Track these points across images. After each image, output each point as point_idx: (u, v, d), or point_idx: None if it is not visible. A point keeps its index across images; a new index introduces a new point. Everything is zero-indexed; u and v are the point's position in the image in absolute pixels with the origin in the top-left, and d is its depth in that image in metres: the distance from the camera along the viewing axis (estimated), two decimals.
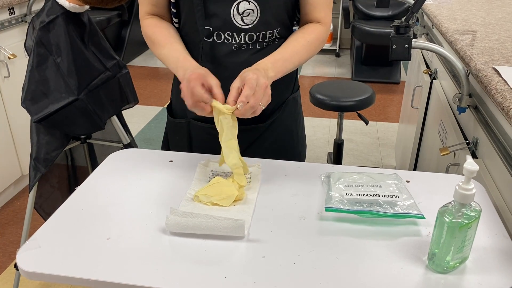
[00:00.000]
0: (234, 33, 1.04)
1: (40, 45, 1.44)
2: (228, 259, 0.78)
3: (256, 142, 1.17)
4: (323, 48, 4.91)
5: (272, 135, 1.17)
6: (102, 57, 1.56)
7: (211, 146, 1.17)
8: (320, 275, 0.74)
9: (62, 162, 1.92)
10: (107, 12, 3.93)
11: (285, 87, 1.18)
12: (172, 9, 1.09)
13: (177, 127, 1.20)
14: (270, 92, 0.93)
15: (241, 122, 1.14)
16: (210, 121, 1.14)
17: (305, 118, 1.33)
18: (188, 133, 1.18)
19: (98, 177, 1.02)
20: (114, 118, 1.67)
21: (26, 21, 2.35)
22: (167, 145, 1.27)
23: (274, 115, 1.16)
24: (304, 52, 1.05)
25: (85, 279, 0.74)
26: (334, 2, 4.61)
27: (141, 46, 4.96)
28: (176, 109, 1.21)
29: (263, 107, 0.91)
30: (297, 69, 1.24)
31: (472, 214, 0.71)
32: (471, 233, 0.73)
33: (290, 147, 1.22)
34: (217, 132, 1.17)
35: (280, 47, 1.04)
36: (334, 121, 3.30)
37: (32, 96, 1.48)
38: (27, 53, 1.49)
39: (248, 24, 1.03)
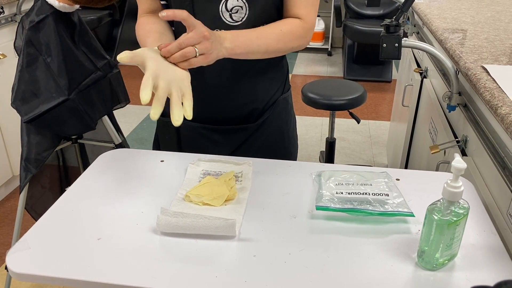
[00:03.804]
0: (223, 30, 1.04)
1: (29, 45, 1.43)
2: (219, 258, 0.78)
3: (246, 143, 1.17)
4: (315, 47, 4.96)
5: (263, 135, 1.17)
6: (92, 56, 1.55)
7: (201, 145, 1.17)
8: (311, 274, 0.74)
9: (53, 163, 1.91)
10: (98, 11, 3.91)
11: (276, 87, 1.18)
12: (162, 6, 1.08)
13: (166, 126, 1.20)
14: (209, 45, 0.86)
15: (232, 122, 1.15)
16: (199, 120, 1.15)
17: (297, 117, 1.33)
18: (177, 132, 1.18)
19: (89, 178, 1.02)
20: (105, 118, 1.66)
21: (15, 21, 2.33)
22: (157, 145, 1.27)
23: (265, 115, 1.16)
24: (274, 39, 1.00)
25: (76, 279, 0.74)
26: (326, 1, 4.62)
27: (133, 45, 4.93)
28: (166, 108, 1.20)
29: (197, 54, 0.85)
30: (288, 70, 1.24)
31: (461, 211, 0.72)
32: (460, 230, 0.74)
33: (281, 147, 1.23)
34: (207, 131, 1.17)
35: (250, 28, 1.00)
36: (326, 120, 3.32)
37: (22, 96, 1.47)
38: (17, 53, 1.48)
39: (237, 21, 1.03)
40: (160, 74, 0.83)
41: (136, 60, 0.85)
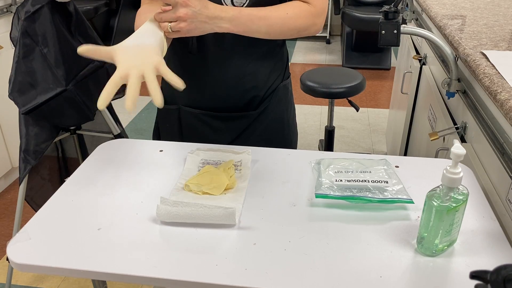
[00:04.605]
0: (226, 7, 1.02)
1: (25, 35, 1.42)
2: (219, 247, 0.78)
3: (247, 130, 1.17)
4: (313, 35, 4.91)
5: (263, 123, 1.17)
6: None
7: (202, 133, 1.17)
8: (311, 261, 0.75)
9: (52, 154, 1.91)
10: (94, 1, 3.88)
11: (276, 74, 1.17)
12: None
13: (167, 113, 1.19)
14: (184, 26, 0.87)
15: (233, 109, 1.14)
16: (200, 107, 1.14)
17: (296, 105, 1.33)
18: (178, 119, 1.18)
19: (88, 168, 1.02)
20: (104, 108, 1.66)
21: (11, 12, 2.31)
22: (158, 134, 1.27)
23: (265, 103, 1.16)
24: (278, 22, 0.97)
25: (77, 270, 0.74)
26: None
27: (130, 35, 4.90)
28: (166, 95, 1.19)
29: (169, 30, 0.88)
30: (287, 57, 1.23)
31: (460, 197, 0.72)
32: (459, 216, 0.74)
33: (281, 135, 1.22)
34: (208, 118, 1.17)
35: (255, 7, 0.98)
36: (325, 108, 3.31)
37: (19, 88, 1.46)
38: (13, 44, 1.47)
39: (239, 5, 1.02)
40: (130, 66, 0.82)
41: (99, 54, 0.84)
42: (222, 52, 1.06)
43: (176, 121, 1.18)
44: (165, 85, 1.21)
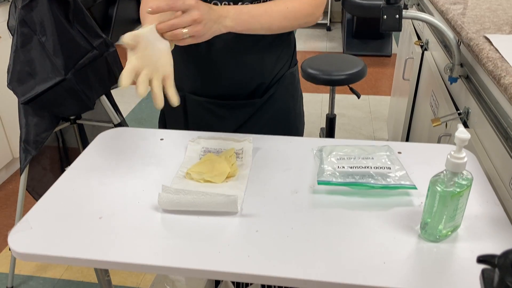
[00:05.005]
0: (226, 6, 1.00)
1: (23, 24, 1.40)
2: (222, 234, 0.78)
3: (252, 118, 1.15)
4: None
5: (269, 111, 1.16)
6: (88, 35, 1.53)
7: (207, 120, 1.16)
8: (314, 247, 0.74)
9: (53, 144, 1.90)
10: None
11: (283, 62, 1.15)
12: None
13: None
14: (200, 28, 0.85)
15: (238, 97, 1.13)
16: (205, 94, 1.13)
17: None
18: (183, 107, 1.17)
19: (88, 157, 1.01)
20: (104, 98, 1.65)
21: (8, 0, 2.28)
22: (163, 121, 1.26)
23: (271, 90, 1.14)
24: (279, 17, 0.97)
25: (79, 258, 0.74)
26: None
27: (129, 24, 4.86)
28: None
29: (186, 36, 0.84)
30: (295, 44, 1.21)
31: (464, 182, 0.72)
32: (463, 201, 0.73)
33: (287, 123, 1.21)
34: (213, 106, 1.15)
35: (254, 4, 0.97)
36: (326, 96, 3.29)
37: (18, 77, 1.45)
38: (11, 33, 1.46)
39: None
40: (144, 64, 0.83)
41: (135, 41, 0.83)
42: (227, 40, 1.04)
43: (181, 108, 1.17)
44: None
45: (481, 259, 0.40)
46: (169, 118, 1.23)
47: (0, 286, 1.77)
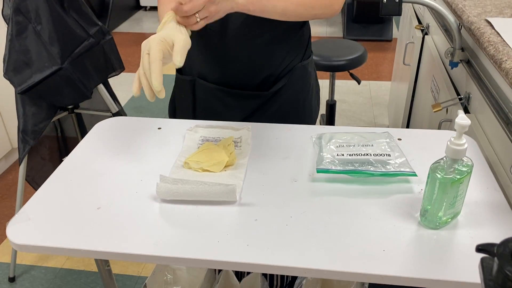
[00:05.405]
0: None
1: (18, 12, 1.39)
2: (221, 223, 0.77)
3: (259, 110, 1.13)
4: None
5: (276, 103, 1.13)
6: (84, 23, 1.51)
7: (215, 108, 1.14)
8: (313, 236, 0.74)
9: (51, 134, 1.90)
10: None
11: (294, 55, 1.12)
12: None
13: (182, 84, 1.17)
14: (215, 9, 0.83)
15: (246, 88, 1.11)
16: (214, 80, 1.12)
17: None
18: (192, 92, 1.15)
19: (86, 147, 1.00)
20: (101, 86, 1.63)
21: None
22: (173, 105, 1.25)
23: (280, 83, 1.11)
24: (294, 2, 0.93)
25: (77, 249, 0.73)
26: None
27: (127, 11, 4.82)
28: (184, 66, 1.12)
29: (198, 20, 0.83)
30: (309, 36, 1.17)
31: (464, 169, 0.71)
32: (463, 188, 0.73)
33: (295, 117, 1.17)
34: (221, 94, 1.13)
35: None
36: (326, 82, 3.27)
37: (14, 67, 1.44)
38: (6, 22, 1.44)
39: None
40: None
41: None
42: (239, 28, 1.02)
43: (190, 93, 1.16)
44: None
45: (480, 248, 0.39)
46: (179, 100, 1.22)
47: (2, 276, 1.78)
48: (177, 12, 0.83)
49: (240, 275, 1.39)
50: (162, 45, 0.79)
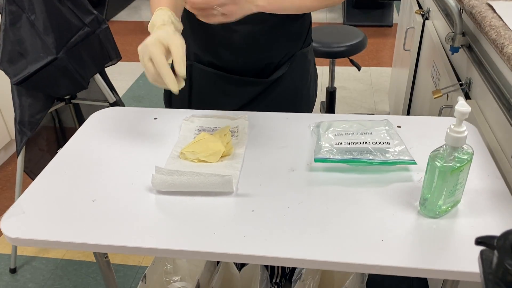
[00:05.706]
0: None
1: (11, 2, 1.36)
2: (217, 214, 0.76)
3: (257, 98, 1.12)
4: None
5: (275, 92, 1.12)
6: (79, 12, 1.49)
7: (211, 95, 1.13)
8: (311, 226, 0.73)
9: (49, 124, 1.88)
10: None
11: (294, 41, 1.10)
12: None
13: None
14: (234, 7, 0.83)
15: (244, 74, 1.09)
16: (212, 64, 1.10)
17: None
18: (189, 77, 1.13)
19: (81, 138, 0.99)
20: (98, 76, 1.62)
21: None
22: (168, 90, 1.23)
23: (279, 71, 1.10)
24: None
25: (72, 242, 0.73)
26: None
27: (124, 1, 4.77)
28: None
29: (218, 11, 0.82)
30: (310, 23, 1.16)
31: (464, 157, 0.69)
32: (463, 176, 0.71)
33: (292, 106, 1.16)
34: (218, 79, 1.12)
35: None
36: (326, 69, 3.24)
37: (9, 57, 1.42)
38: None
39: None
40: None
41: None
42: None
43: (187, 80, 1.14)
44: None
45: (480, 241, 0.38)
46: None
47: (3, 267, 1.79)
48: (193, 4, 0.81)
49: (240, 264, 1.39)
50: (161, 48, 0.81)
